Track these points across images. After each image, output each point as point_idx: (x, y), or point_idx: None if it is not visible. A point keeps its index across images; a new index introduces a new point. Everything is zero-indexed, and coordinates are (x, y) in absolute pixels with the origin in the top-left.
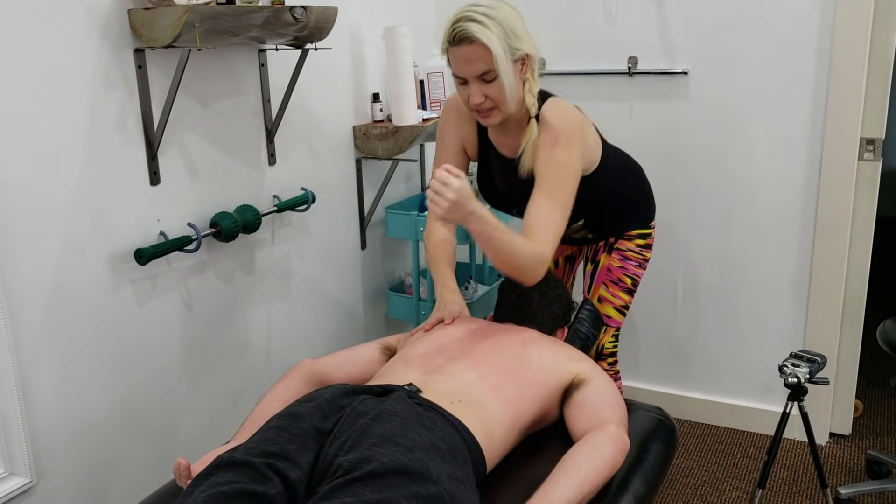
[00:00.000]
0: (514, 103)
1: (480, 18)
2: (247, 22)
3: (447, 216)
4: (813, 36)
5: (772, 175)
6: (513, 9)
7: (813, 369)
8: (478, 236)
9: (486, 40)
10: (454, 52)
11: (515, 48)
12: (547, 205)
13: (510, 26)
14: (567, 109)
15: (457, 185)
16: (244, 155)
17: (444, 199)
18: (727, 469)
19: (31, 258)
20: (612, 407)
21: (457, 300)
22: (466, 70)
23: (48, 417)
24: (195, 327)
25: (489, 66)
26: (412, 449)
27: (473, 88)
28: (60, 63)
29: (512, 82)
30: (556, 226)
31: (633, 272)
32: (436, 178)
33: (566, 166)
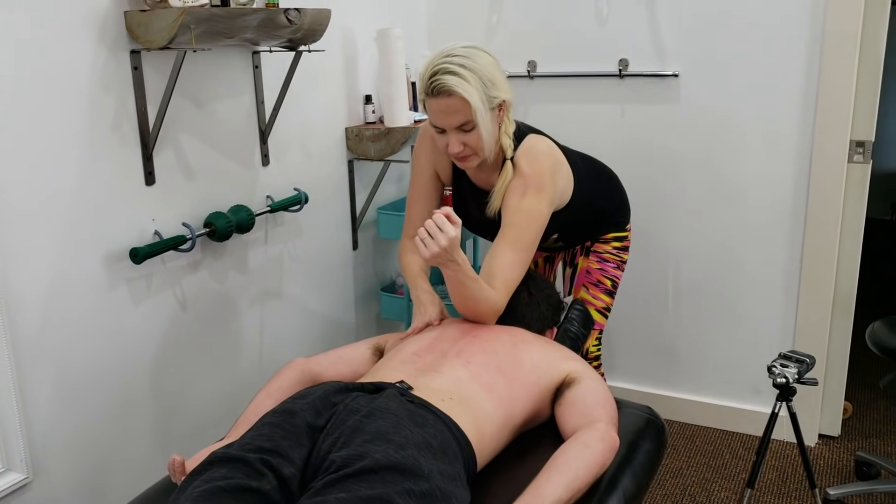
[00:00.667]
0: (492, 147)
1: (458, 70)
2: (241, 24)
3: (433, 259)
4: (803, 39)
5: (762, 176)
6: (488, 55)
7: (801, 370)
8: (451, 281)
9: (464, 93)
10: (432, 103)
11: (493, 97)
12: (509, 255)
13: (487, 76)
14: (541, 153)
15: (453, 235)
16: (238, 156)
17: (436, 245)
18: (716, 470)
19: (28, 257)
20: (602, 405)
21: (434, 300)
22: (445, 122)
23: (45, 414)
24: (189, 326)
25: (468, 117)
26: (404, 446)
27: (452, 138)
28: (57, 64)
29: (489, 130)
30: (515, 276)
31: (612, 274)
32: (434, 220)
33: (533, 214)
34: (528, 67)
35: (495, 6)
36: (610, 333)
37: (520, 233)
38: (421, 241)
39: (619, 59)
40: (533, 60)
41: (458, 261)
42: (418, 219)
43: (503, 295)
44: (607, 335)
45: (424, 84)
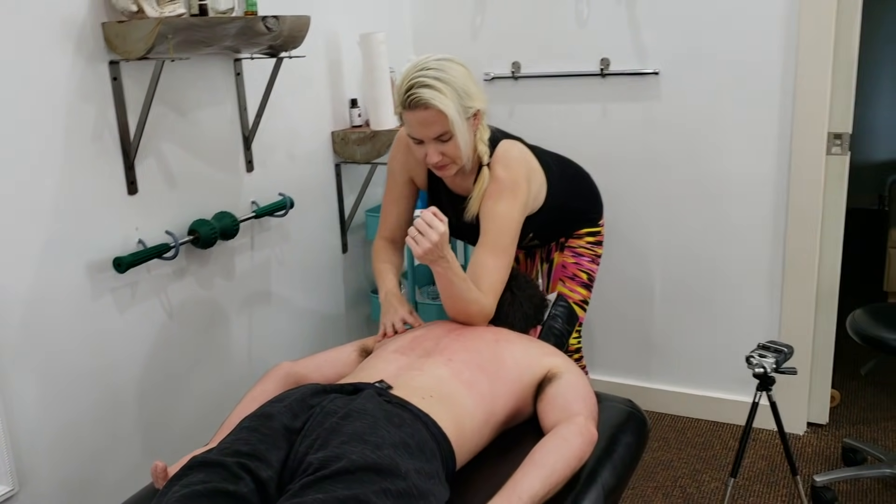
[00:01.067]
0: (469, 155)
1: (433, 83)
2: (220, 32)
3: (425, 256)
4: (779, 34)
5: (743, 171)
6: (462, 66)
7: (779, 359)
8: (441, 279)
9: (441, 105)
10: (409, 116)
11: (468, 107)
12: (491, 260)
13: (462, 87)
14: (515, 159)
15: (442, 230)
16: (222, 162)
17: (428, 240)
18: (706, 461)
19: (10, 268)
20: (581, 399)
21: (403, 301)
22: (423, 133)
23: (30, 424)
24: (176, 333)
25: (445, 128)
26: (381, 446)
27: (430, 148)
28: (37, 76)
29: (466, 139)
30: (499, 279)
31: (587, 267)
32: (423, 218)
33: (508, 219)
34: (513, 68)
35: (479, 9)
36: (599, 329)
37: (497, 237)
38: (412, 239)
39: (600, 59)
40: (517, 61)
41: (448, 258)
42: (392, 221)
43: (491, 298)
44: (596, 330)
45: (401, 98)
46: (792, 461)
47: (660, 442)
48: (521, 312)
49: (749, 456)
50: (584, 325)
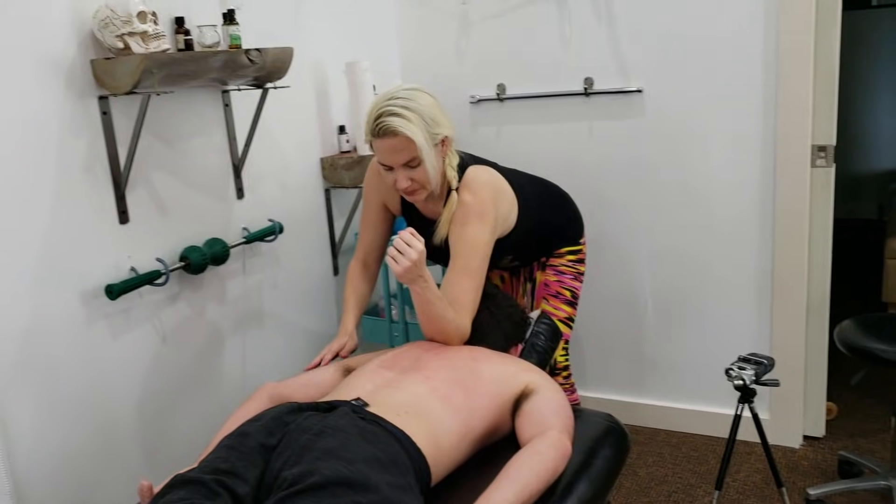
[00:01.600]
0: (437, 180)
1: (401, 112)
2: (204, 66)
3: (404, 274)
4: (758, 48)
5: (729, 185)
6: (429, 95)
7: (759, 371)
8: (418, 299)
9: (408, 133)
10: (378, 143)
11: (435, 133)
12: (461, 282)
13: (429, 115)
14: (481, 184)
15: (420, 248)
16: (212, 190)
17: (407, 259)
18: (701, 475)
19: (6, 296)
20: (555, 413)
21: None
22: (392, 160)
23: (28, 447)
24: (170, 357)
25: (413, 154)
26: (353, 461)
27: (399, 174)
28: (29, 112)
29: (434, 164)
30: (471, 300)
31: (570, 285)
32: (401, 237)
33: (476, 241)
34: (498, 90)
35: (464, 33)
36: (590, 344)
37: (467, 260)
38: (392, 259)
39: (584, 78)
40: (502, 83)
41: (426, 277)
42: (367, 244)
43: (466, 319)
44: (587, 346)
45: (370, 126)
46: (776, 473)
47: (654, 457)
48: (500, 331)
49: (744, 469)
50: (572, 341)
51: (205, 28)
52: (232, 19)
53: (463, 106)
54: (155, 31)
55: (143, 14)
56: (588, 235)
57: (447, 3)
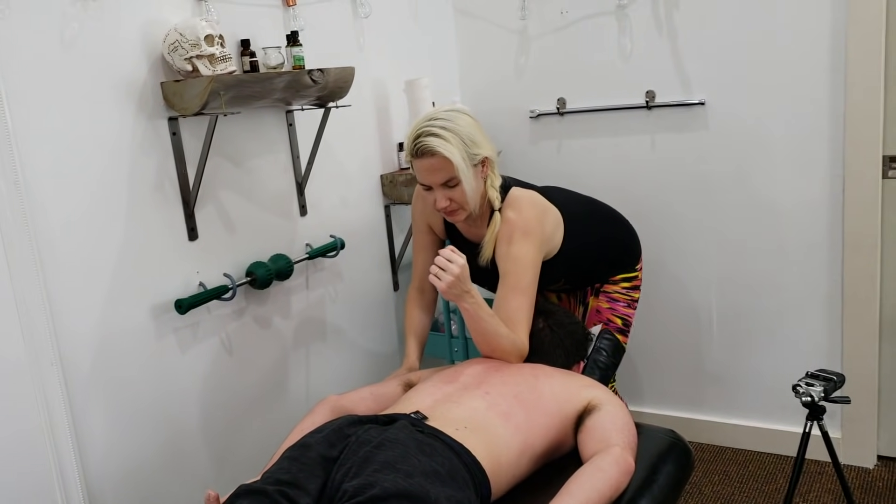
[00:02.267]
0: (477, 201)
1: (439, 132)
2: (269, 87)
3: (448, 290)
4: (825, 56)
5: (796, 198)
6: (470, 117)
7: (828, 388)
8: (468, 316)
9: (446, 153)
10: (418, 163)
11: (474, 154)
12: (512, 300)
13: (468, 135)
14: (525, 202)
15: (461, 263)
16: (276, 208)
17: (449, 274)
18: (769, 495)
19: (80, 312)
20: (619, 430)
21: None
22: (431, 179)
23: (100, 457)
24: (236, 371)
25: (451, 174)
26: (412, 474)
27: (438, 194)
28: (103, 133)
29: (472, 185)
30: (524, 318)
31: (622, 313)
32: (441, 254)
33: (523, 258)
34: (558, 104)
35: (523, 48)
36: (652, 360)
37: (516, 278)
38: (435, 276)
39: (645, 91)
40: (562, 97)
41: (472, 292)
42: (420, 269)
43: (522, 335)
44: (649, 362)
45: (410, 147)
46: (848, 493)
47: (720, 476)
48: (561, 349)
49: (815, 490)
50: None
51: (269, 50)
52: (295, 41)
53: (523, 121)
54: (222, 54)
55: (210, 37)
56: (649, 249)
57: (506, 18)
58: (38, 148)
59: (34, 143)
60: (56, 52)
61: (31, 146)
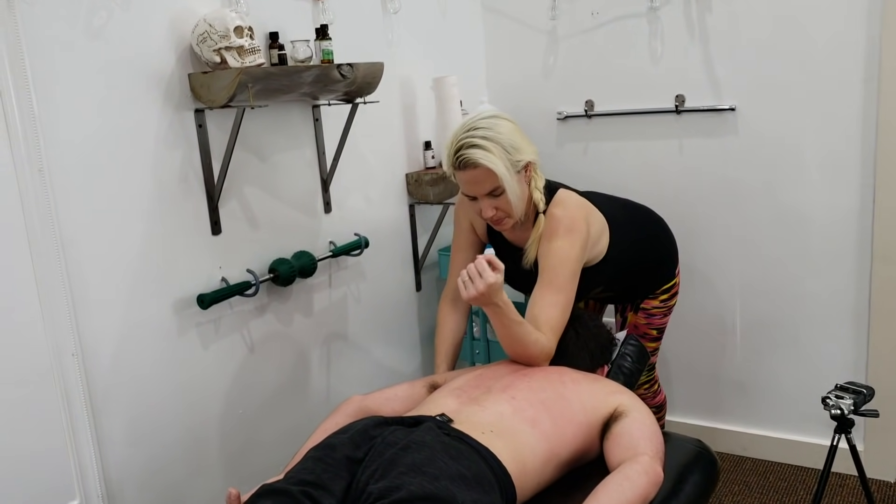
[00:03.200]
0: (523, 207)
1: (481, 143)
2: (297, 80)
3: (472, 301)
4: (859, 63)
5: (825, 205)
6: (509, 121)
7: (858, 401)
8: (495, 323)
9: (489, 164)
10: (461, 175)
11: (517, 161)
12: (548, 297)
13: (509, 142)
14: (571, 202)
15: (491, 280)
16: (301, 204)
17: (475, 288)
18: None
19: (102, 304)
20: (647, 438)
21: None
22: (475, 190)
23: (119, 452)
24: (257, 368)
25: (495, 184)
26: (438, 477)
27: (484, 203)
28: (129, 124)
29: (517, 193)
30: (558, 316)
31: (658, 324)
32: (475, 265)
33: (564, 254)
34: (586, 107)
35: (551, 49)
36: (674, 368)
37: (554, 274)
38: (462, 284)
39: (675, 95)
40: (590, 100)
41: (500, 304)
42: (457, 272)
43: (551, 336)
44: (671, 370)
45: (451, 159)
46: None
47: (740, 486)
48: (586, 352)
49: (836, 502)
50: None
51: (298, 43)
52: (325, 34)
53: (550, 122)
54: (251, 46)
55: (239, 29)
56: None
57: (535, 18)
58: (63, 137)
59: (60, 131)
60: (83, 41)
61: (56, 135)
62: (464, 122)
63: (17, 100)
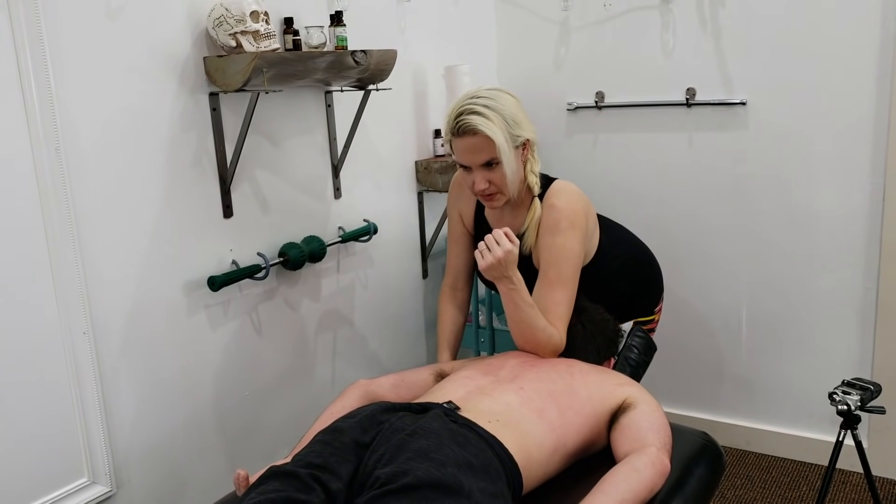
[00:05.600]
0: (517, 185)
1: (482, 110)
2: (311, 66)
3: (488, 270)
4: (873, 62)
5: (834, 203)
6: (512, 97)
7: (865, 397)
8: (506, 302)
9: (488, 132)
10: (458, 142)
11: (516, 135)
12: (555, 293)
13: (510, 115)
14: (573, 193)
15: (508, 248)
16: (311, 189)
17: (493, 255)
18: (792, 502)
19: (114, 283)
20: (655, 430)
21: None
22: (470, 159)
23: (127, 431)
24: (264, 351)
25: (492, 155)
26: (445, 464)
27: (477, 175)
28: (145, 105)
29: (513, 167)
30: (565, 311)
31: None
32: (493, 235)
33: (568, 251)
34: (596, 98)
35: (563, 39)
36: (679, 361)
37: (558, 270)
38: (479, 252)
39: (686, 88)
40: (601, 91)
41: (514, 279)
42: (454, 264)
43: (560, 330)
44: (677, 363)
45: (450, 125)
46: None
47: (742, 480)
48: (592, 345)
49: (839, 499)
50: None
51: (312, 29)
52: (339, 21)
53: (560, 113)
54: (266, 31)
55: (255, 13)
56: (680, 249)
57: (548, 9)
58: (79, 116)
59: (76, 111)
60: (102, 22)
61: (73, 114)
62: (466, 92)
63: (36, 79)
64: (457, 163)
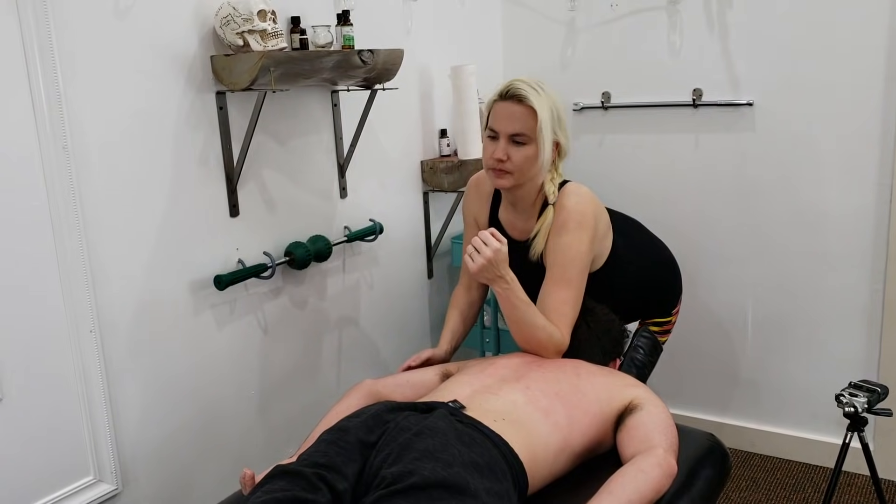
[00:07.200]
0: (532, 177)
1: (537, 88)
2: (318, 65)
3: (479, 273)
4: (881, 63)
5: (841, 204)
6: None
7: (872, 399)
8: (503, 302)
9: (535, 104)
10: (500, 106)
11: (557, 130)
12: (560, 292)
13: (557, 108)
14: (584, 195)
15: (496, 247)
16: (317, 189)
17: (481, 256)
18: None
19: (121, 282)
20: (662, 432)
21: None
22: (504, 126)
23: (133, 429)
24: (270, 349)
25: (527, 129)
26: (451, 464)
27: (501, 144)
28: (152, 104)
29: (541, 154)
30: (569, 312)
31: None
32: (479, 236)
33: (575, 250)
34: (602, 98)
35: (569, 40)
36: (685, 362)
37: (564, 270)
38: (469, 257)
39: (692, 89)
40: (607, 91)
41: (507, 278)
42: None
43: (564, 330)
44: (683, 364)
45: (500, 89)
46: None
47: (748, 482)
48: (598, 346)
49: (843, 501)
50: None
51: (319, 28)
52: (346, 20)
53: (566, 113)
54: (273, 30)
55: (263, 12)
56: (688, 249)
57: (554, 9)
58: (87, 115)
59: (84, 109)
60: (110, 21)
61: (80, 112)
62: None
63: (44, 78)
64: (488, 129)
